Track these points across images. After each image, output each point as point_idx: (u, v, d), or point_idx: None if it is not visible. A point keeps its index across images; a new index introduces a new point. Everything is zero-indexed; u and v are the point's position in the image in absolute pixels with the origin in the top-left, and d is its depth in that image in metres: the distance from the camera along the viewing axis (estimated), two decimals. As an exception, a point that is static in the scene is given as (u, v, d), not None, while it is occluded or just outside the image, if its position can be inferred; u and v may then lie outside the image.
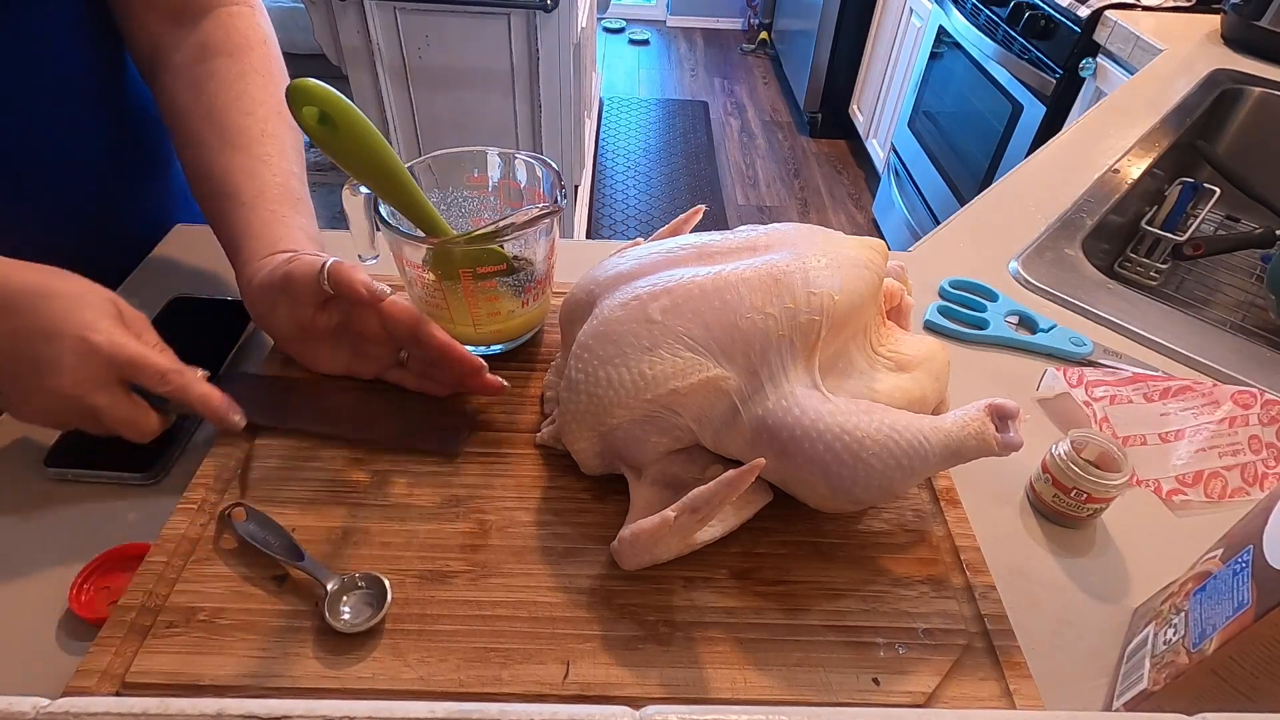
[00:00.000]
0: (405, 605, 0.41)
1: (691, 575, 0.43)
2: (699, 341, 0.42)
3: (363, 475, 0.48)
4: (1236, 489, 0.53)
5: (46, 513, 0.46)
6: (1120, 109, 1.10)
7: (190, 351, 0.56)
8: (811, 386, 0.43)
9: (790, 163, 3.09)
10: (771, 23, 3.97)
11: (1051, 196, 0.86)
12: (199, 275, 0.65)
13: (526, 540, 0.45)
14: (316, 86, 0.43)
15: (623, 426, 0.44)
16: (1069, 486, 0.48)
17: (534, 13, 1.57)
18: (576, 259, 0.61)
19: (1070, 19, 1.52)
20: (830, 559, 0.45)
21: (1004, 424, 0.42)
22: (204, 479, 0.46)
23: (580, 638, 0.40)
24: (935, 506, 0.48)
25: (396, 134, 1.78)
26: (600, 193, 2.77)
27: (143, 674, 0.37)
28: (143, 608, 0.39)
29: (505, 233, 0.48)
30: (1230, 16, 1.34)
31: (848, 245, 0.47)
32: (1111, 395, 0.57)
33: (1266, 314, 0.88)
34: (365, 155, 0.46)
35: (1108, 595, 0.46)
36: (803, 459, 0.41)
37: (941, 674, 0.39)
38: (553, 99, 1.71)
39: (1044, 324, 0.65)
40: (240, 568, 0.42)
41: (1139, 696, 0.38)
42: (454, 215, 0.58)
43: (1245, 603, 0.33)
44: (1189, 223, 0.94)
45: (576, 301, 0.48)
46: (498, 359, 0.57)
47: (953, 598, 0.43)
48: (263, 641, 0.39)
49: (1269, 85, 1.20)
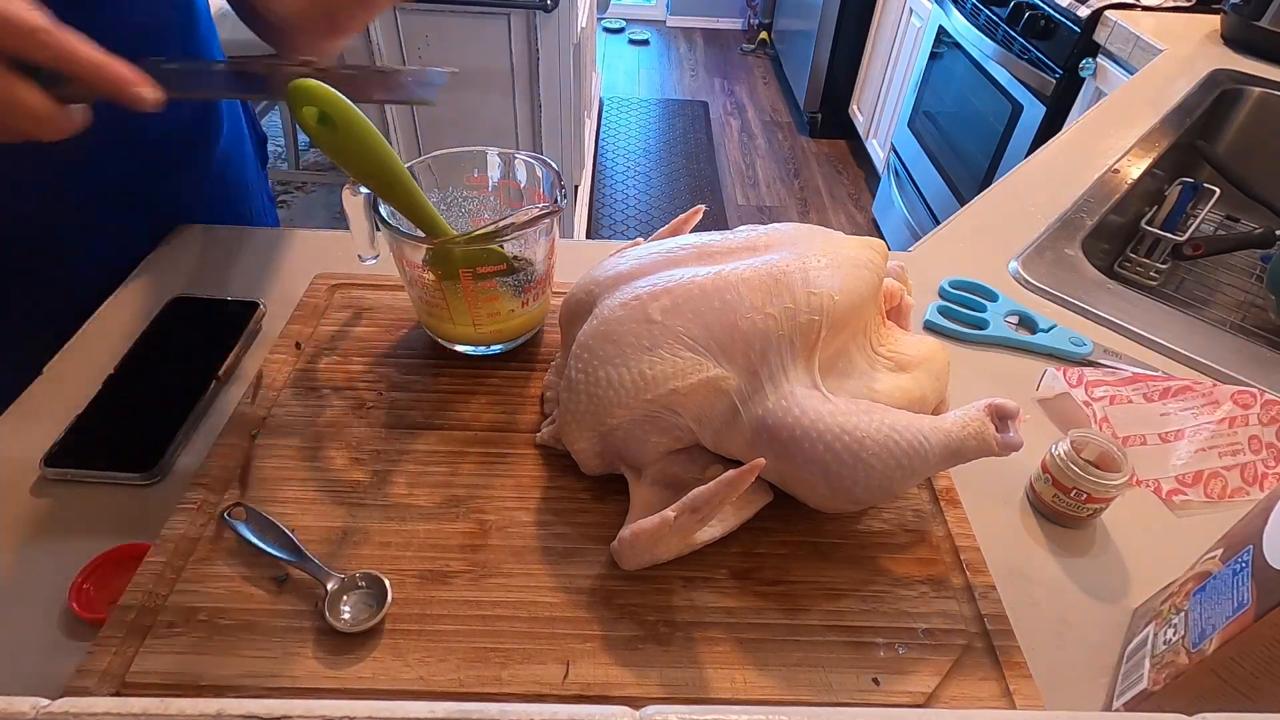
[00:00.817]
0: (405, 605, 0.41)
1: (691, 575, 0.43)
2: (699, 341, 0.42)
3: (363, 475, 0.48)
4: (1236, 489, 0.53)
5: (46, 513, 0.46)
6: (1120, 109, 1.10)
7: (190, 352, 0.56)
8: (811, 386, 0.43)
9: (790, 163, 3.09)
10: (771, 23, 3.97)
11: (1051, 196, 0.86)
12: (199, 275, 0.65)
13: (526, 540, 0.45)
14: (316, 86, 0.43)
15: (623, 426, 0.44)
16: (1069, 486, 0.48)
17: (534, 13, 1.57)
18: (576, 259, 0.61)
19: (1070, 19, 1.52)
20: (830, 559, 0.45)
21: (1004, 424, 0.42)
22: (204, 479, 0.46)
23: (580, 638, 0.40)
24: (935, 506, 0.48)
25: (396, 134, 1.78)
26: (600, 193, 2.77)
27: (143, 674, 0.37)
28: (143, 608, 0.39)
29: (505, 233, 0.48)
30: (1230, 16, 1.34)
31: (848, 245, 0.47)
32: (1111, 395, 0.57)
33: (1266, 314, 0.88)
34: (365, 155, 0.46)
35: (1108, 595, 0.46)
36: (803, 459, 0.41)
37: (941, 674, 0.39)
38: (553, 99, 1.71)
39: (1044, 324, 0.65)
40: (240, 568, 0.42)
41: (1139, 696, 0.38)
42: (454, 215, 0.58)
43: (1245, 603, 0.33)
44: (1189, 223, 0.94)
45: (576, 301, 0.48)
46: (498, 359, 0.57)
47: (953, 598, 0.43)
48: (263, 641, 0.39)
49: (1269, 85, 1.20)
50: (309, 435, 0.50)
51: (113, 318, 0.60)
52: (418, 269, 0.51)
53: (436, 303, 0.52)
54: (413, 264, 0.51)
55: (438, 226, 0.50)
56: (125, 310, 0.60)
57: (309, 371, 0.54)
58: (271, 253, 0.68)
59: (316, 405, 0.52)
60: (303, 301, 0.60)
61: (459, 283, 0.50)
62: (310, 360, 0.55)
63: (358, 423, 0.51)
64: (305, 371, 0.54)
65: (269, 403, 0.52)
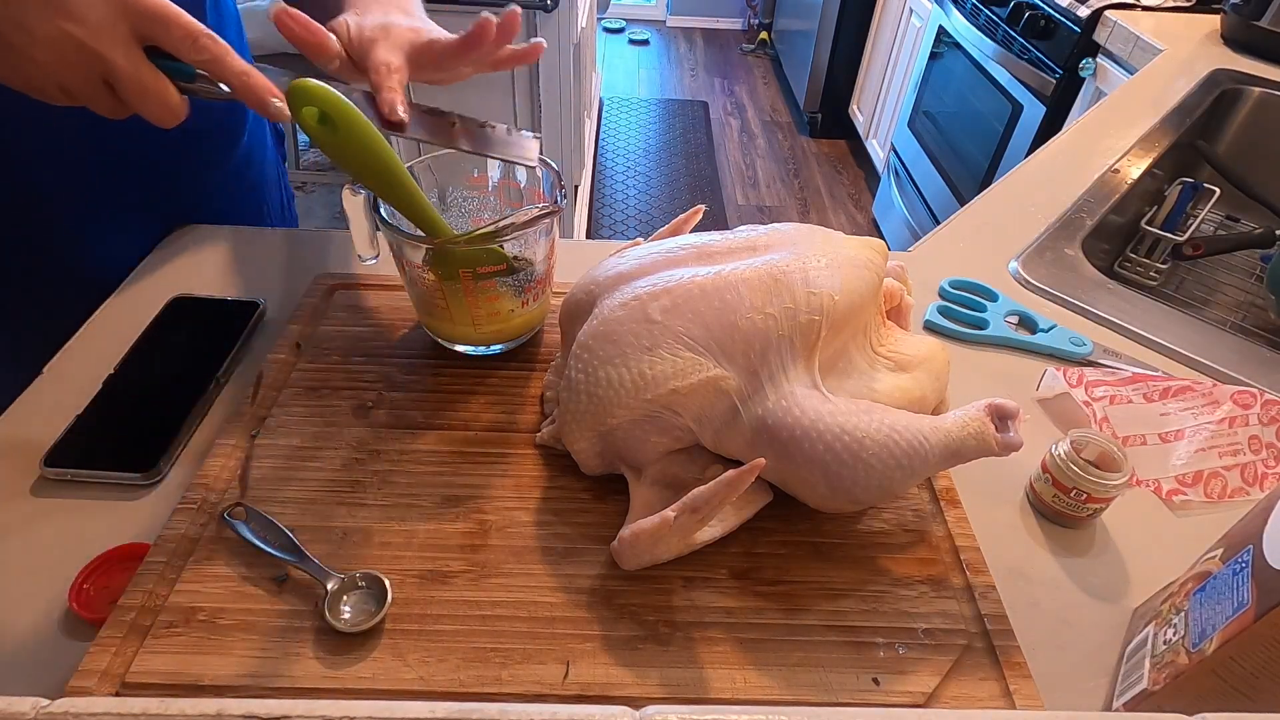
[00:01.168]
0: (405, 605, 0.41)
1: (691, 575, 0.43)
2: (699, 341, 0.42)
3: (363, 475, 0.48)
4: (1236, 489, 0.53)
5: (46, 513, 0.46)
6: (1120, 109, 1.10)
7: (190, 352, 0.56)
8: (811, 386, 0.43)
9: (790, 163, 3.09)
10: (771, 23, 3.96)
11: (1051, 196, 0.85)
12: (199, 275, 0.65)
13: (526, 540, 0.45)
14: (316, 86, 0.43)
15: (623, 426, 0.44)
16: (1069, 486, 0.48)
17: (534, 13, 1.57)
18: (576, 259, 0.61)
19: (1070, 19, 1.52)
20: (830, 559, 0.45)
21: (1004, 424, 0.42)
22: (204, 479, 0.46)
23: (580, 638, 0.40)
24: (935, 506, 0.48)
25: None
26: (600, 193, 2.77)
27: (143, 674, 0.37)
28: (143, 608, 0.39)
29: (505, 233, 0.48)
30: (1230, 16, 1.34)
31: (848, 245, 0.47)
32: (1111, 395, 0.57)
33: (1266, 314, 0.88)
34: (365, 155, 0.46)
35: (1108, 595, 0.46)
36: (802, 459, 0.41)
37: (941, 674, 0.39)
38: (553, 99, 1.71)
39: (1044, 324, 0.65)
40: (240, 568, 0.42)
41: (1139, 696, 0.38)
42: (454, 215, 0.58)
43: (1245, 603, 0.33)
44: (1189, 223, 0.94)
45: (576, 301, 0.48)
46: (498, 359, 0.57)
47: (953, 598, 0.43)
48: (263, 641, 0.39)
49: (1269, 85, 1.20)
50: (309, 435, 0.50)
51: (113, 318, 0.60)
52: (418, 269, 0.51)
53: (436, 303, 0.52)
54: (413, 264, 0.51)
55: (438, 226, 0.50)
56: (125, 310, 0.60)
57: (309, 371, 0.54)
58: (271, 253, 0.68)
59: (316, 405, 0.52)
60: (303, 301, 0.60)
61: (459, 283, 0.50)
62: (310, 360, 0.55)
63: (358, 423, 0.51)
64: (305, 371, 0.54)
65: (269, 403, 0.52)
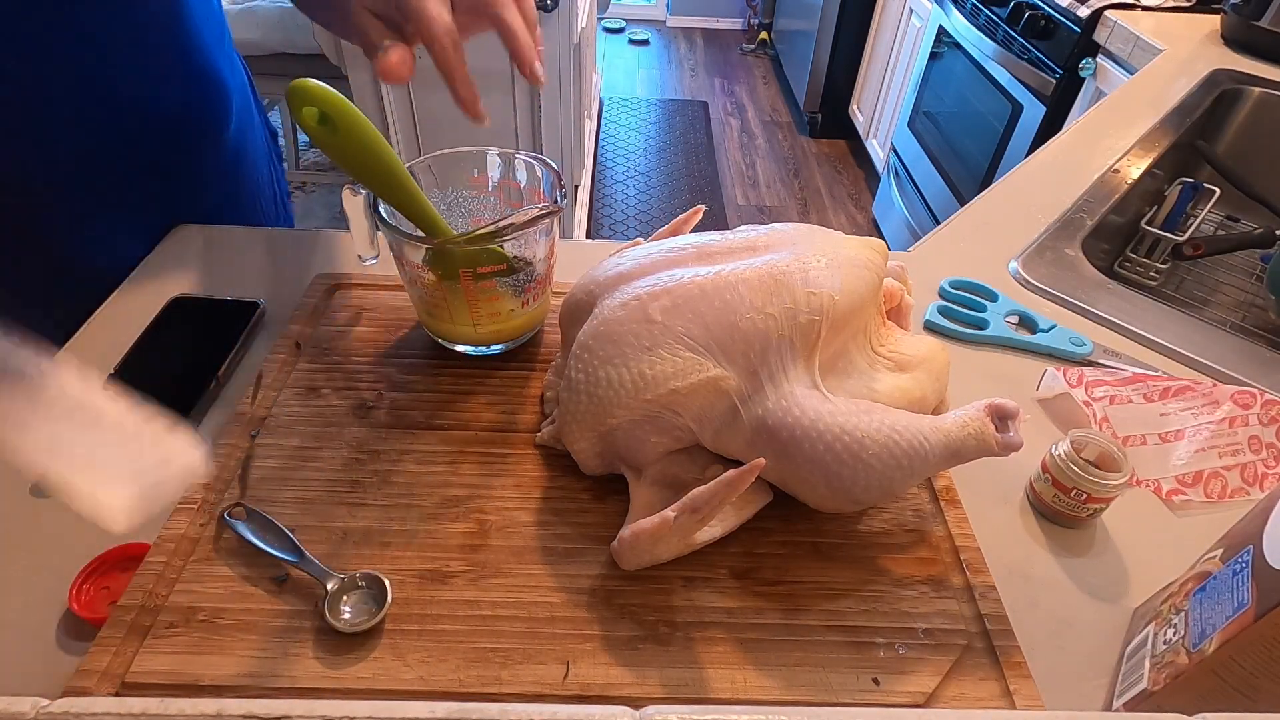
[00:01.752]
0: (405, 605, 0.41)
1: (691, 575, 0.43)
2: (699, 341, 0.42)
3: (362, 475, 0.48)
4: (1236, 489, 0.53)
5: (47, 512, 0.46)
6: (1120, 109, 1.10)
7: (190, 352, 0.56)
8: (811, 386, 0.43)
9: (790, 163, 3.08)
10: (771, 23, 3.96)
11: (1051, 196, 0.85)
12: (199, 275, 0.65)
13: (526, 540, 0.45)
14: (316, 86, 0.43)
15: (623, 427, 0.44)
16: (1069, 486, 0.48)
17: (534, 13, 1.57)
18: (576, 259, 0.61)
19: (1070, 19, 1.52)
20: (830, 559, 0.45)
21: (1004, 424, 0.42)
22: (204, 479, 0.46)
23: (580, 638, 0.40)
24: (935, 506, 0.48)
25: (396, 134, 1.78)
26: (600, 193, 2.77)
27: (143, 674, 0.37)
28: (143, 608, 0.39)
29: (505, 233, 0.48)
30: (1230, 16, 1.34)
31: (848, 245, 0.47)
32: (1111, 395, 0.57)
33: (1266, 314, 0.88)
34: (365, 155, 0.46)
35: (1107, 595, 0.46)
36: (802, 459, 0.41)
37: (941, 674, 0.39)
38: (552, 99, 1.71)
39: (1044, 324, 0.65)
40: (240, 568, 0.42)
41: (1139, 696, 0.38)
42: (454, 215, 0.58)
43: (1245, 603, 0.33)
44: (1189, 223, 0.94)
45: (576, 301, 0.48)
46: (498, 359, 0.57)
47: (953, 598, 0.43)
48: (263, 641, 0.39)
49: (1269, 85, 1.20)
50: (309, 435, 0.50)
51: (113, 318, 0.60)
52: (418, 269, 0.51)
53: (436, 303, 0.52)
54: (413, 264, 0.51)
55: (438, 226, 0.50)
56: (125, 310, 0.60)
57: (309, 371, 0.54)
58: (271, 253, 0.68)
59: (316, 405, 0.52)
60: (303, 301, 0.60)
61: (459, 283, 0.50)
62: (310, 360, 0.55)
63: (358, 423, 0.51)
64: (305, 371, 0.54)
65: (269, 403, 0.52)
